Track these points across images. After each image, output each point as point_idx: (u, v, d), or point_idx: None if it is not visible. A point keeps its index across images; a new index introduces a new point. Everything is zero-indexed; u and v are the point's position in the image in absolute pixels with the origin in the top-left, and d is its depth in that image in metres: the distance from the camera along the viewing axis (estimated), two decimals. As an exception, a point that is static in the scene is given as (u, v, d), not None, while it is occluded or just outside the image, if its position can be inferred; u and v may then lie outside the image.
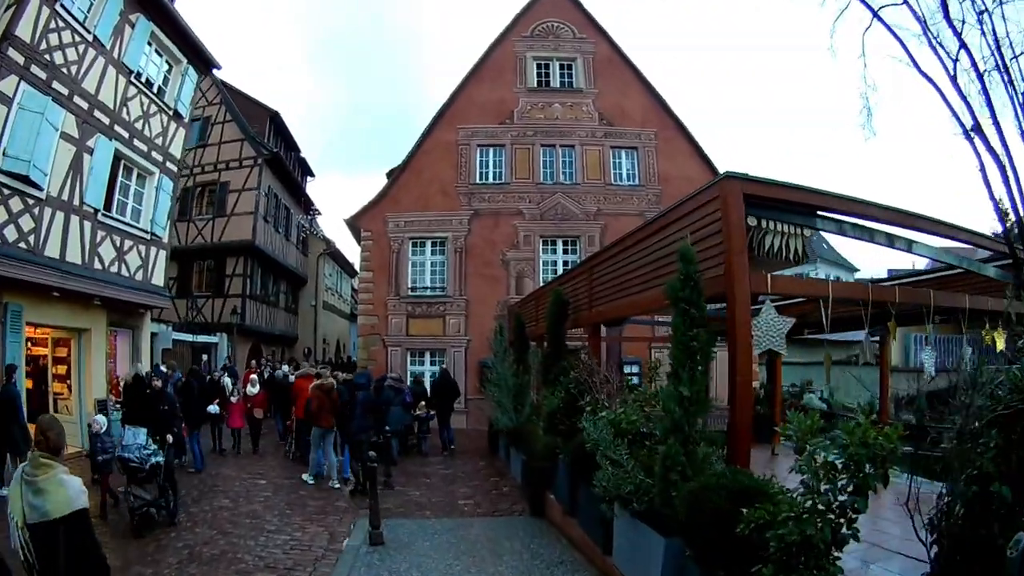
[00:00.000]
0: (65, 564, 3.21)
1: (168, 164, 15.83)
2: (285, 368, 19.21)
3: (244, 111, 25.66)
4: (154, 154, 15.18)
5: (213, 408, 13.13)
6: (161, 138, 15.48)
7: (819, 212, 6.42)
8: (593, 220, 20.10)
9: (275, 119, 27.19)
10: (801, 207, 6.28)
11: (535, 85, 21.06)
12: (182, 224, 24.41)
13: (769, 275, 6.24)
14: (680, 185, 19.14)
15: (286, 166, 27.04)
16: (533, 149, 20.54)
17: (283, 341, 29.41)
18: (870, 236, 6.71)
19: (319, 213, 32.15)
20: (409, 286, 20.26)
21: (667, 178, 20.24)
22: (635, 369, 19.50)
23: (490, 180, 20.57)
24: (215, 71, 18.81)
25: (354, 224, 20.64)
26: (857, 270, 42.72)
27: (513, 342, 13.70)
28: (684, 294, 5.46)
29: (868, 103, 9.63)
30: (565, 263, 19.83)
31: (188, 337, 21.29)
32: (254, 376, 14.55)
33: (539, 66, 21.33)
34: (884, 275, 22.04)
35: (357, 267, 24.79)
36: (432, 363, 20.16)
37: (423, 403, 15.75)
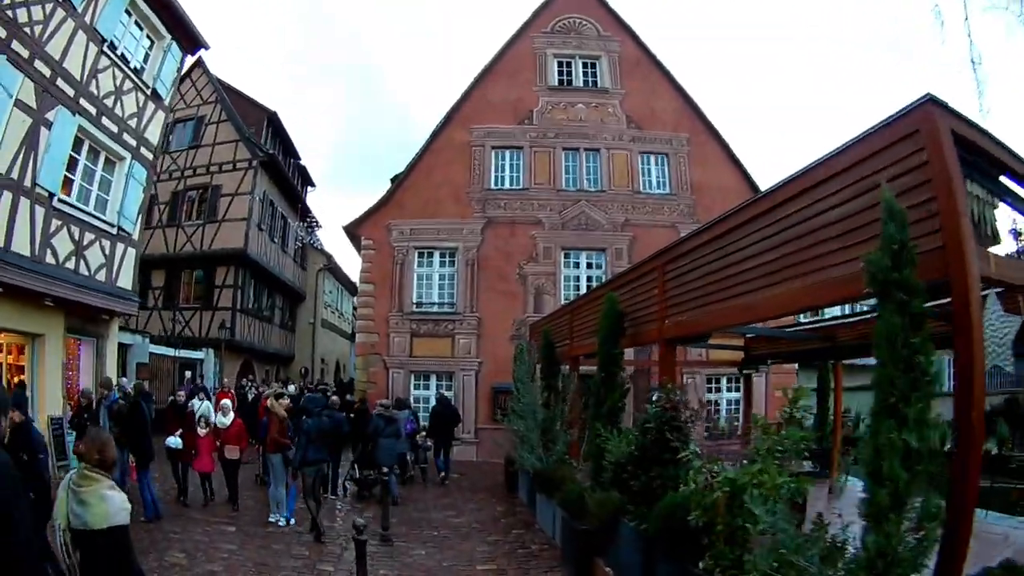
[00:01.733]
0: (105, 570, 3.25)
1: (142, 149, 13.74)
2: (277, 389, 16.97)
3: (241, 112, 23.66)
4: (126, 136, 13.11)
5: (173, 441, 10.14)
6: (135, 119, 13.39)
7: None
8: (620, 232, 17.87)
9: (273, 120, 25.10)
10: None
11: (556, 84, 18.98)
12: (171, 230, 22.68)
13: (992, 253, 4.02)
14: (715, 196, 17.07)
15: (283, 170, 24.91)
16: (554, 152, 18.40)
17: (278, 360, 27.13)
18: None
19: (319, 226, 30.08)
20: (414, 301, 17.96)
21: (701, 187, 18.12)
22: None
23: (506, 185, 18.35)
24: (203, 52, 16.76)
25: (353, 231, 18.42)
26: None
27: (541, 365, 11.37)
28: (898, 275, 3.23)
29: (977, 76, 7.54)
30: (589, 279, 17.61)
31: (169, 351, 19.03)
32: (226, 401, 11.15)
33: (560, 64, 19.28)
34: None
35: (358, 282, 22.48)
36: (439, 387, 17.82)
37: (423, 432, 14.13)
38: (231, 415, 10.20)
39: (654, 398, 6.23)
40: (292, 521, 9.39)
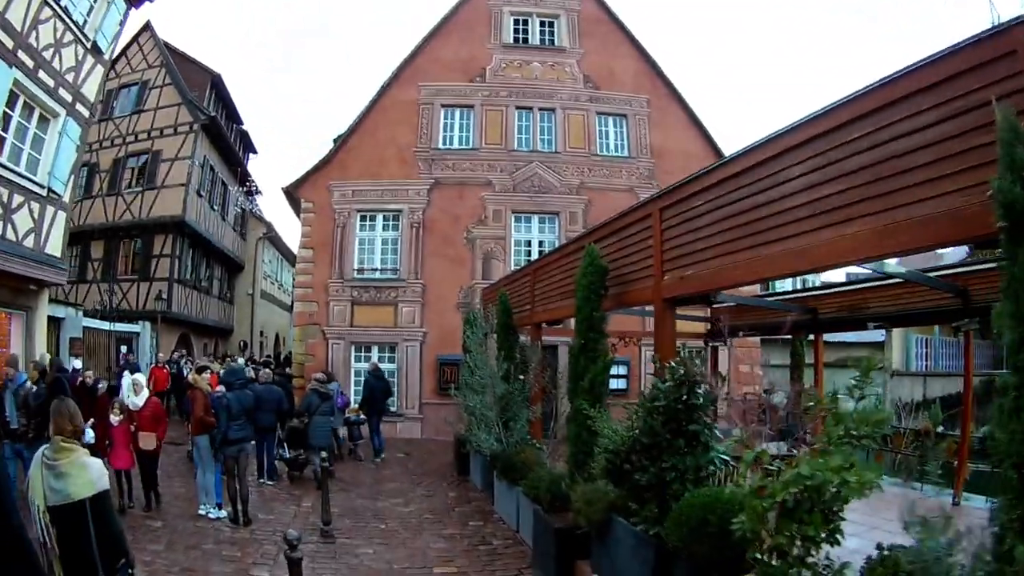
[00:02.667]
0: (88, 543, 3.17)
1: (78, 106, 12.45)
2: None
3: (185, 75, 21.85)
4: (62, 91, 11.91)
5: (86, 434, 7.74)
6: (73, 74, 12.17)
7: None
8: (575, 195, 16.67)
9: (217, 83, 23.17)
10: None
11: (511, 41, 17.62)
12: (111, 199, 21.06)
13: None
14: (676, 159, 16.00)
15: (224, 134, 23.04)
16: (506, 112, 17.08)
17: (216, 333, 25.36)
18: None
19: (260, 193, 28.45)
20: (355, 267, 16.51)
21: (661, 151, 16.99)
22: (623, 371, 16.16)
23: (455, 145, 16.91)
24: (150, 11, 15.26)
25: (293, 193, 16.92)
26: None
27: (497, 334, 10.04)
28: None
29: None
30: (541, 243, 16.38)
31: (104, 325, 17.46)
32: (136, 376, 8.74)
33: (516, 22, 17.93)
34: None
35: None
36: (381, 359, 16.51)
37: (354, 406, 13.26)
38: (144, 393, 8.32)
39: (664, 371, 4.95)
40: (223, 512, 8.08)
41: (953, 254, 18.26)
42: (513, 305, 10.25)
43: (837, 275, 18.49)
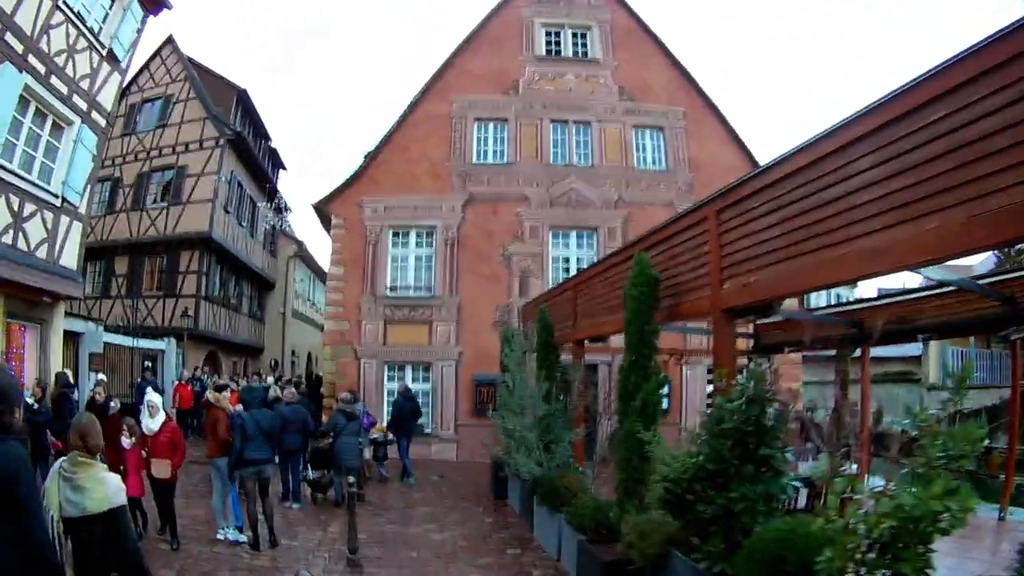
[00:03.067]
0: (101, 556, 3.18)
1: (94, 114, 12.10)
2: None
3: (210, 90, 21.54)
4: (76, 99, 11.50)
5: None
6: (88, 81, 11.83)
7: None
8: (614, 209, 16.13)
9: (242, 98, 22.93)
10: None
11: (544, 54, 17.18)
12: (135, 214, 20.73)
13: None
14: (715, 173, 15.34)
15: (252, 149, 22.76)
16: (541, 125, 16.60)
17: (246, 351, 24.89)
18: None
19: (290, 211, 27.99)
20: (388, 285, 16.03)
21: (699, 164, 16.45)
22: (663, 390, 15.56)
23: (489, 160, 16.44)
24: (174, 31, 15.27)
25: (323, 209, 16.50)
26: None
27: (537, 352, 9.45)
28: None
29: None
30: (579, 260, 15.85)
31: (127, 341, 17.00)
32: (153, 397, 7.81)
33: (548, 33, 17.47)
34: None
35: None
36: (414, 379, 16.00)
37: (381, 425, 12.80)
38: (160, 417, 7.41)
39: (727, 387, 4.41)
40: (243, 536, 7.50)
41: (980, 265, 17.78)
42: (554, 321, 9.68)
43: (870, 289, 17.94)
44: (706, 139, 16.83)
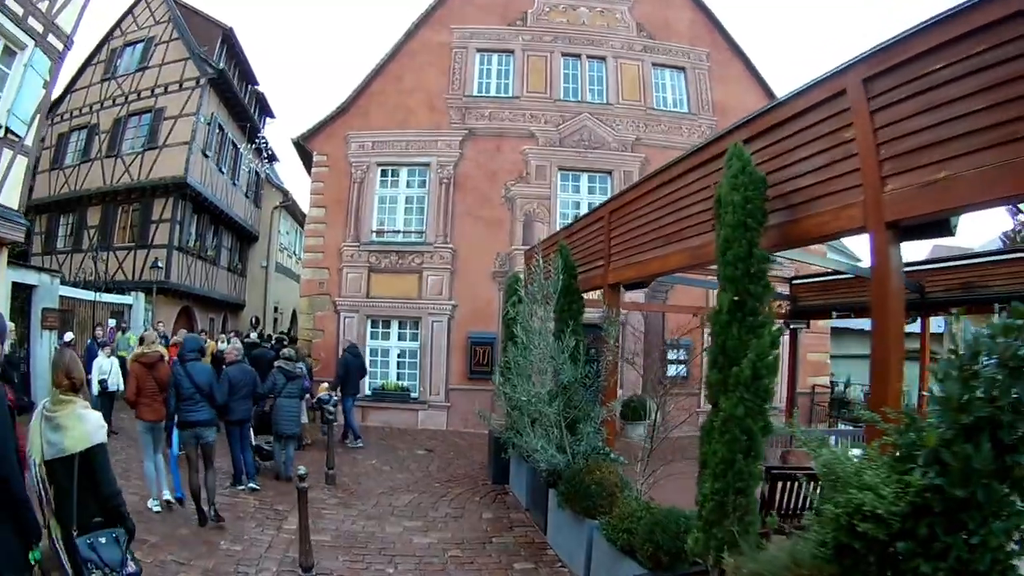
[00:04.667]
0: (78, 496, 2.96)
1: (50, 37, 10.04)
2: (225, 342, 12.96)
3: (194, 30, 19.14)
4: (31, 21, 9.69)
5: None
6: (46, 1, 9.60)
7: None
8: (630, 151, 13.94)
9: (228, 37, 20.15)
10: None
11: (555, -17, 15.19)
12: (109, 161, 18.22)
13: None
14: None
15: (235, 91, 20.10)
16: (551, 58, 14.33)
17: (225, 307, 22.19)
18: None
19: (276, 160, 25.42)
20: (374, 229, 13.66)
21: (724, 108, 14.23)
22: (682, 355, 13.37)
23: (492, 92, 14.07)
24: None
25: (304, 145, 14.15)
26: (859, 260, 36.99)
27: (558, 301, 6.79)
28: None
29: None
30: (591, 205, 13.69)
31: (87, 295, 14.60)
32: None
33: (560, -35, 15.50)
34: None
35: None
36: (401, 337, 13.69)
37: (325, 384, 10.64)
38: None
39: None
40: (179, 495, 6.43)
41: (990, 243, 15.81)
42: (579, 261, 7.43)
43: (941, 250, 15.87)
44: (732, 83, 14.66)
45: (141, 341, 7.37)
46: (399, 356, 13.58)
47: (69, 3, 10.45)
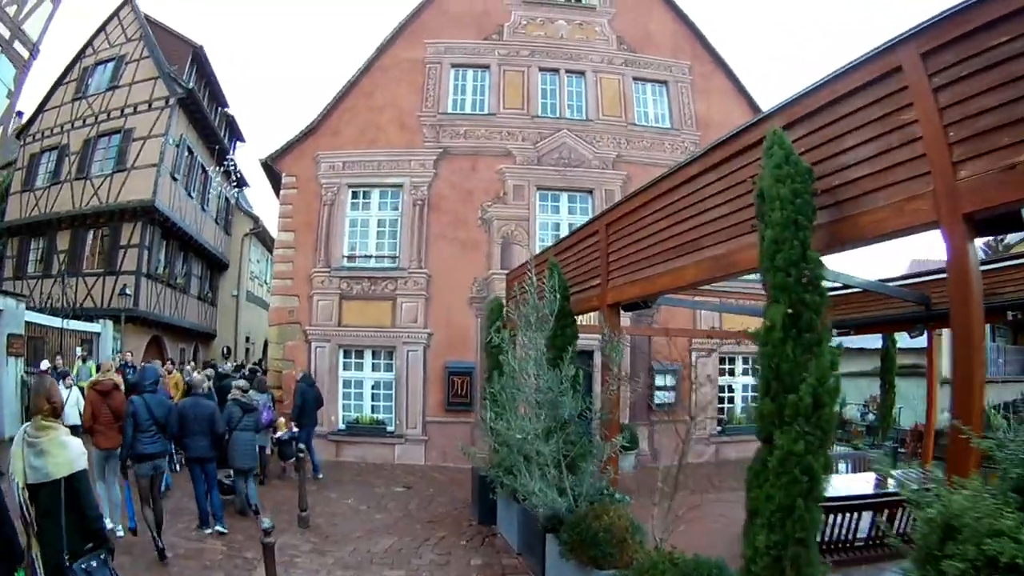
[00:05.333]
0: (64, 521, 3.01)
1: (16, 44, 9.38)
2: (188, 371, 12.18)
3: (165, 49, 18.34)
4: None
5: None
6: (14, 6, 9.06)
7: None
8: (612, 169, 13.20)
9: (198, 56, 19.30)
10: None
11: (532, -3, 14.49)
12: (79, 183, 17.44)
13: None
14: (723, 134, 12.63)
15: (205, 112, 19.19)
16: (528, 73, 13.54)
17: (195, 337, 21.36)
18: None
19: (246, 185, 24.57)
20: (345, 254, 12.77)
21: (707, 123, 13.57)
22: (670, 381, 12.62)
23: (468, 110, 13.26)
24: None
25: (273, 166, 13.33)
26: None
27: (552, 325, 5.97)
28: None
29: None
30: (571, 226, 12.94)
31: (54, 322, 13.69)
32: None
33: (536, -22, 14.82)
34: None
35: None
36: (375, 367, 12.82)
37: (282, 419, 10.17)
38: None
39: None
40: (132, 525, 6.26)
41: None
42: (572, 279, 6.71)
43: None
44: (714, 96, 14.01)
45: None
46: (373, 387, 12.72)
47: (37, 9, 9.75)
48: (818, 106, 3.46)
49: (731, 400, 13.43)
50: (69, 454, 3.12)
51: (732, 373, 13.39)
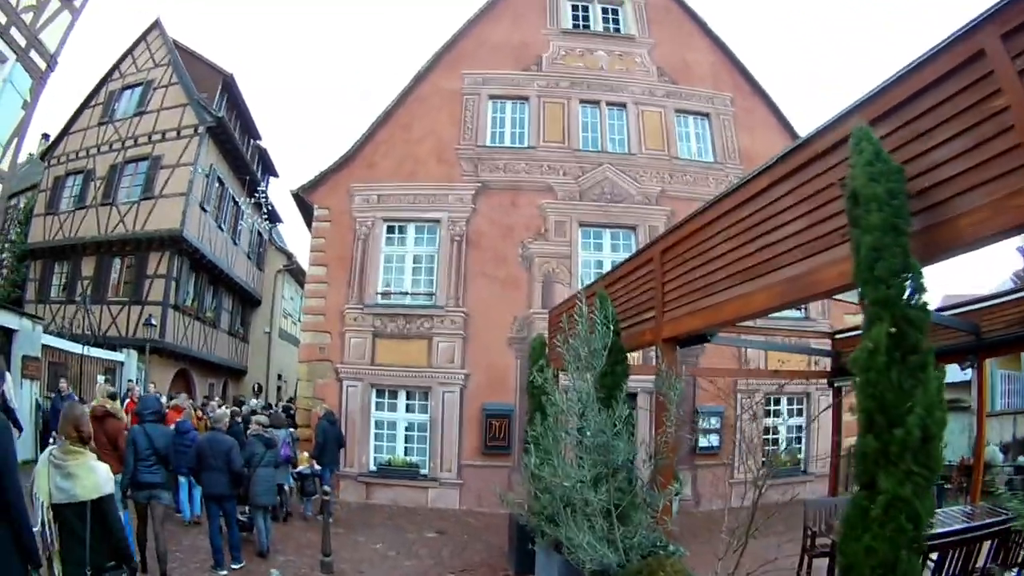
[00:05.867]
0: (90, 543, 3.13)
1: (32, 53, 9.00)
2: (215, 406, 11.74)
3: (195, 76, 18.10)
4: (14, 32, 9.26)
5: None
6: (31, 14, 8.81)
7: None
8: (656, 204, 12.66)
9: (229, 85, 18.96)
10: None
11: (570, 27, 13.86)
12: (104, 209, 17.04)
13: None
14: (771, 167, 12.09)
15: (236, 142, 18.81)
16: (568, 105, 13.10)
17: (225, 372, 20.79)
18: None
19: (279, 220, 24.25)
20: (379, 290, 12.25)
21: (750, 156, 13.00)
22: (714, 423, 12.00)
23: (507, 142, 12.78)
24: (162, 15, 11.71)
25: (305, 198, 12.89)
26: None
27: (604, 362, 5.59)
28: None
29: None
30: (613, 263, 12.45)
31: (74, 347, 13.18)
32: None
33: (575, 7, 14.34)
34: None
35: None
36: (409, 408, 12.25)
37: (305, 455, 9.86)
38: None
39: None
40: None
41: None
42: (623, 313, 6.09)
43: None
44: (757, 128, 13.48)
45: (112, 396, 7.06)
46: (407, 429, 12.13)
47: (55, 19, 9.51)
48: (900, 100, 2.98)
49: (775, 442, 12.80)
50: (97, 478, 3.18)
51: (777, 415, 12.76)
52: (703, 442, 12.04)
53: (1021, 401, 18.37)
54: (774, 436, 12.90)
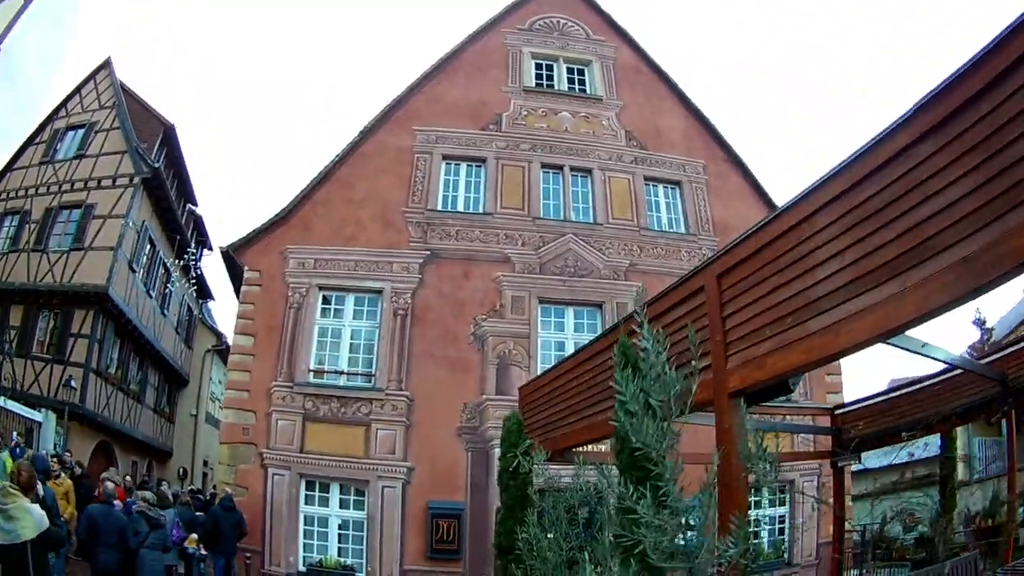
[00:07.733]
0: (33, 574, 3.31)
1: None
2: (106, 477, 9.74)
3: (137, 122, 16.43)
4: None
5: None
6: None
7: None
8: (623, 279, 11.25)
9: (169, 136, 17.27)
10: None
11: (533, 85, 12.66)
12: (36, 255, 15.17)
13: None
14: (745, 240, 10.79)
15: (170, 198, 16.79)
16: (529, 169, 11.68)
17: (151, 452, 18.44)
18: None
19: (211, 298, 22.27)
20: (312, 367, 10.48)
21: (724, 227, 11.78)
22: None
23: (460, 207, 11.28)
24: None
25: (235, 257, 11.21)
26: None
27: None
28: None
29: None
30: (576, 344, 10.89)
31: None
32: None
33: (539, 65, 13.10)
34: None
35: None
36: (344, 504, 10.37)
37: (194, 536, 8.64)
38: None
39: None
40: None
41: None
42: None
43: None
44: (731, 198, 12.25)
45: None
46: (341, 527, 10.20)
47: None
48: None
49: (756, 535, 11.21)
50: (34, 518, 3.47)
51: (757, 505, 11.20)
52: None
53: (1004, 467, 17.21)
54: (755, 529, 11.31)
